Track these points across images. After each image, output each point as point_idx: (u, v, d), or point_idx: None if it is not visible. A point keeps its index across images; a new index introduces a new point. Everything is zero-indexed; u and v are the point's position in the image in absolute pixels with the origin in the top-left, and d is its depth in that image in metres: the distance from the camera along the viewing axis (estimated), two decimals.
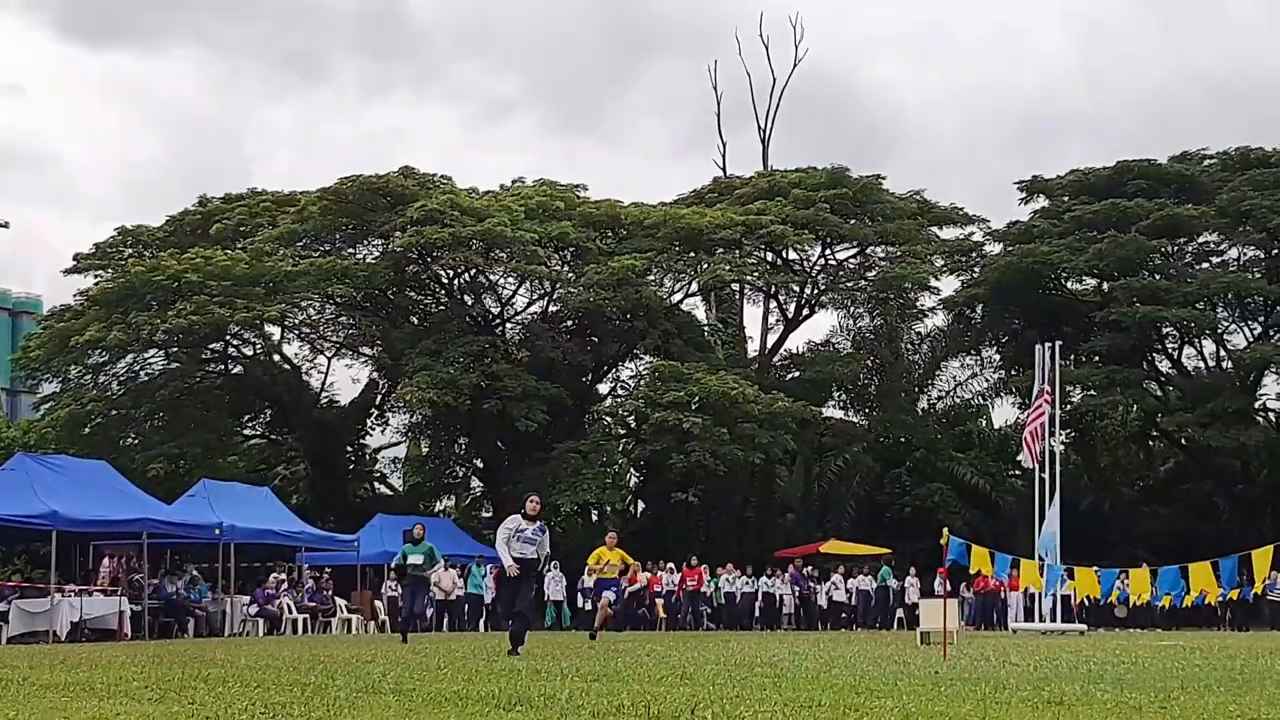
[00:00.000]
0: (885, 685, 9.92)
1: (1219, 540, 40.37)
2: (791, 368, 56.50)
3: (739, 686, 10.39)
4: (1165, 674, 13.06)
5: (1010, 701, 9.10)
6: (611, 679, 11.54)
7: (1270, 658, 17.01)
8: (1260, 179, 50.33)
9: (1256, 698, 9.78)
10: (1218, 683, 11.70)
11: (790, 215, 51.05)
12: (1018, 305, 53.15)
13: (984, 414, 59.36)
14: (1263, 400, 53.01)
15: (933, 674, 12.53)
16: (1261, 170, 51.03)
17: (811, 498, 54.82)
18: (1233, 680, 12.09)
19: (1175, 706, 8.96)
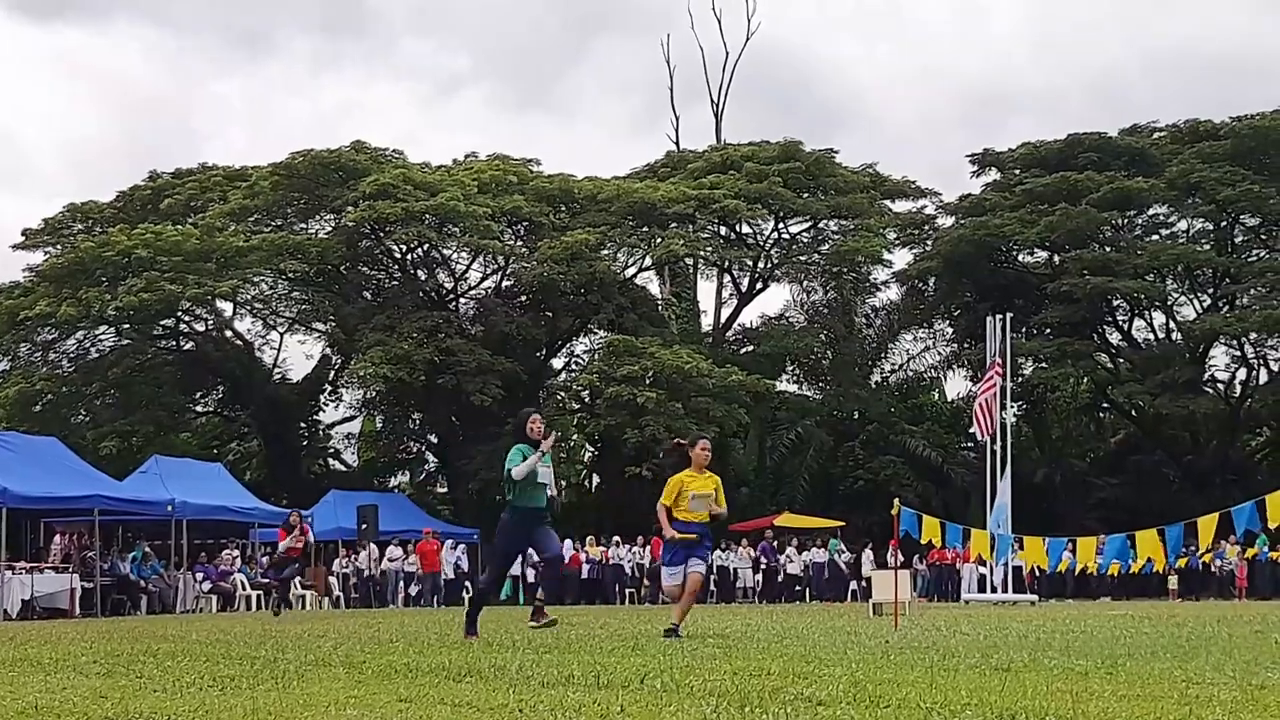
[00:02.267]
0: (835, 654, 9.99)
1: (1168, 510, 40.48)
2: (745, 342, 56.58)
3: (689, 656, 10.44)
4: (1113, 641, 13.17)
5: (958, 669, 9.16)
6: (563, 650, 11.58)
7: (1216, 625, 17.19)
8: (1209, 152, 50.67)
9: (1201, 664, 9.86)
10: (1164, 649, 11.80)
11: (743, 189, 51.13)
12: (970, 278, 53.37)
13: (936, 387, 59.69)
14: (1211, 371, 53.53)
15: (883, 643, 12.61)
16: (1210, 143, 51.35)
17: (765, 471, 54.95)
18: (1179, 647, 12.19)
19: (1121, 672, 9.03)
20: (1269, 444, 56.51)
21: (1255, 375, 53.45)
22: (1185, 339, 51.66)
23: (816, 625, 17.89)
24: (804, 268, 55.57)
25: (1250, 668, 9.43)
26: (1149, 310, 53.34)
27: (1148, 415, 51.98)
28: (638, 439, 45.28)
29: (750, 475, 55.81)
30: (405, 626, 18.56)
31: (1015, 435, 48.87)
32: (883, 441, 53.02)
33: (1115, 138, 54.00)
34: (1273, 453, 55.82)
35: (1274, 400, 52.88)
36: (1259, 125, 51.09)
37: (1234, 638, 13.99)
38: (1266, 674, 8.84)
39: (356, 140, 50.87)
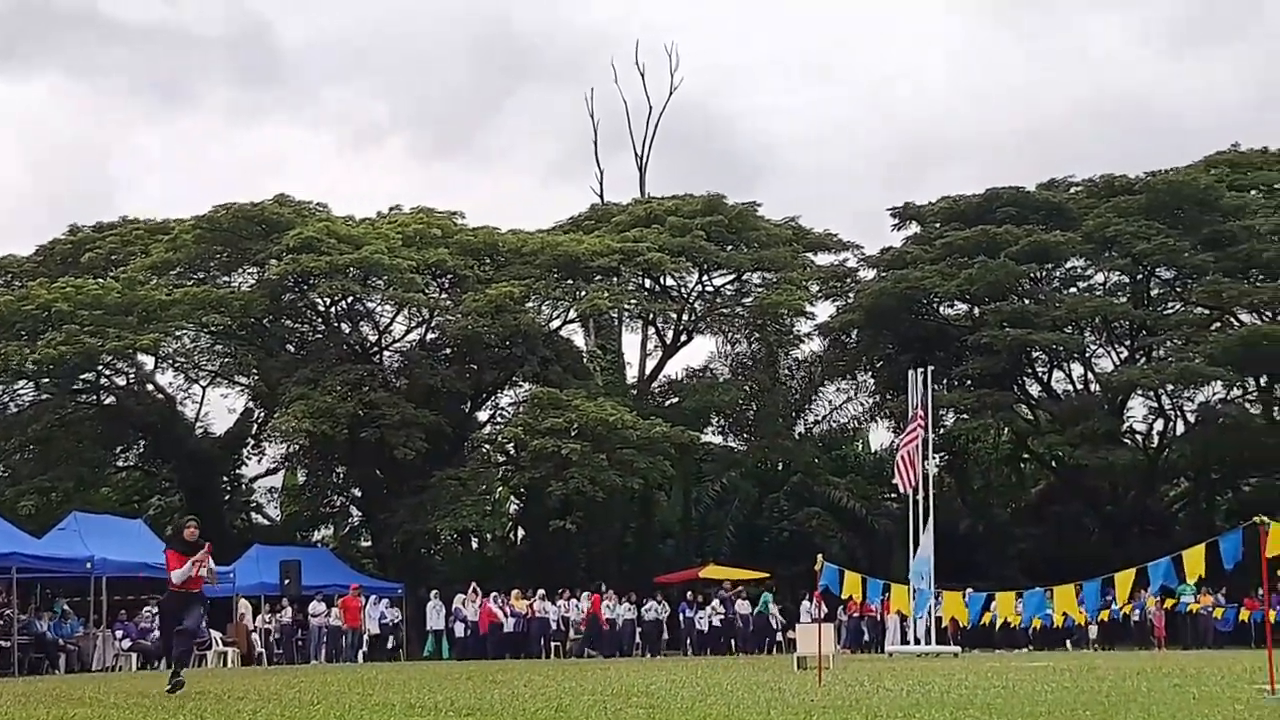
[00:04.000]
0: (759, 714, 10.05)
1: (1089, 560, 41.12)
2: (670, 394, 56.75)
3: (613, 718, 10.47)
4: (1034, 698, 13.32)
5: None
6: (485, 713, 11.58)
7: (1136, 679, 17.40)
8: (1124, 206, 51.38)
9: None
10: (1084, 706, 11.95)
11: (667, 243, 51.35)
12: (891, 330, 53.76)
13: (860, 438, 60.17)
14: (1129, 422, 54.12)
15: (806, 701, 12.69)
16: (1125, 197, 52.07)
17: (690, 523, 55.09)
18: (1099, 704, 12.35)
19: None
20: (1186, 494, 57.20)
21: (1172, 426, 54.17)
22: (1103, 390, 52.22)
23: (741, 681, 17.94)
24: (728, 320, 55.82)
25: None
26: (1068, 362, 53.92)
27: (1067, 466, 52.47)
28: (562, 491, 45.28)
29: (675, 527, 55.98)
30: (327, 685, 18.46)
31: (938, 486, 49.30)
32: (807, 492, 53.32)
33: (1033, 192, 54.61)
34: (1190, 503, 56.51)
35: (1191, 451, 53.62)
36: (1173, 180, 51.88)
37: (1153, 692, 14.19)
38: None
39: (280, 193, 50.70)
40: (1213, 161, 53.93)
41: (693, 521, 55.01)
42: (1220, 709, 11.53)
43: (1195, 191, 50.96)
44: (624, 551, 54.27)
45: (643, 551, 54.02)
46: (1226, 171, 52.99)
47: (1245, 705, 11.90)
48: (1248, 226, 49.58)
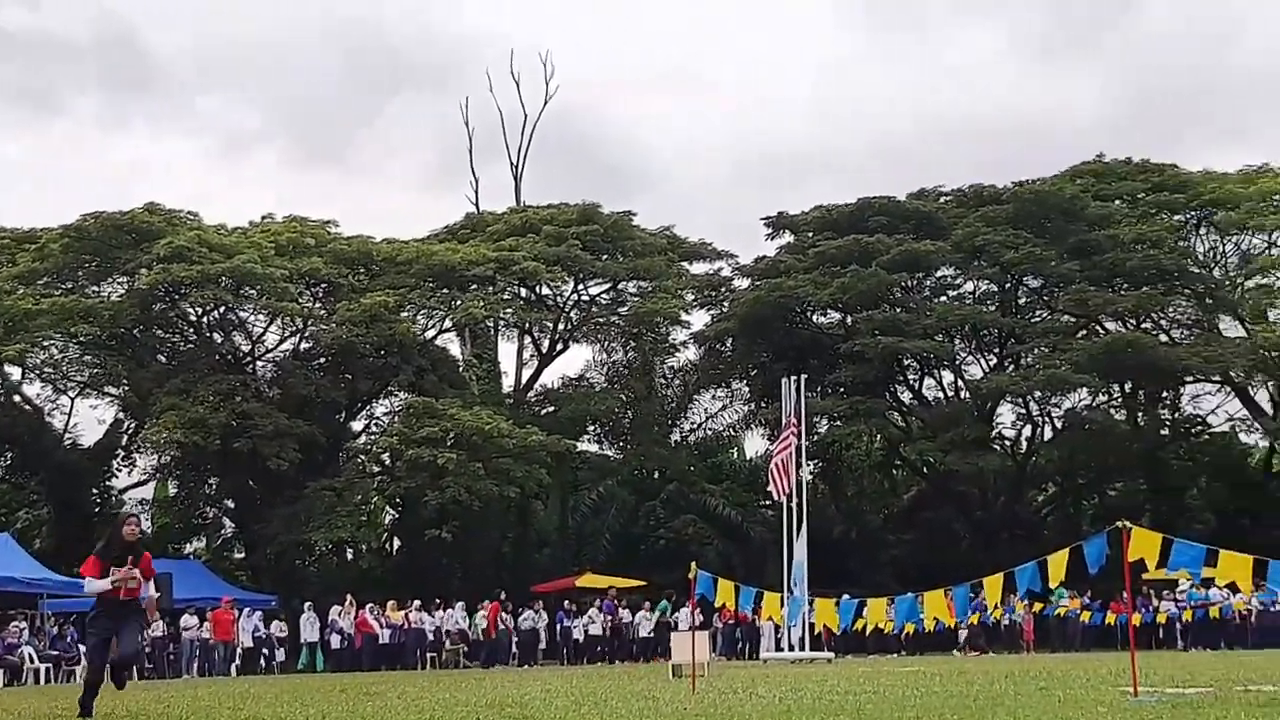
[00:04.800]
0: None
1: (959, 565, 41.74)
2: (546, 402, 56.74)
3: None
4: (903, 703, 13.52)
5: None
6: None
7: (1004, 682, 17.72)
8: (992, 215, 52.28)
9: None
10: (952, 710, 12.15)
11: (543, 252, 51.39)
12: (766, 339, 54.19)
13: (735, 445, 60.55)
14: (998, 428, 55.08)
15: (680, 709, 12.79)
16: (994, 207, 52.98)
17: (567, 531, 55.10)
18: (966, 708, 12.56)
19: None
20: (1054, 499, 58.31)
21: (1040, 432, 55.22)
22: (973, 397, 53.04)
23: (616, 690, 18.01)
24: (604, 329, 55.96)
25: None
26: (938, 369, 54.73)
27: (938, 472, 53.24)
28: (438, 501, 45.10)
29: (552, 535, 55.94)
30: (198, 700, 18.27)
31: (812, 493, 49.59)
32: (683, 500, 53.53)
33: (904, 201, 55.34)
34: (1058, 508, 57.59)
35: (1058, 456, 54.69)
36: (1039, 190, 52.92)
37: (1020, 695, 14.47)
38: None
39: (150, 202, 50.04)
40: (1078, 172, 55.08)
41: (569, 530, 55.04)
42: (1085, 711, 11.78)
43: (1061, 202, 52.01)
44: (501, 561, 54.15)
45: (520, 560, 53.94)
46: (1091, 182, 54.17)
47: (1109, 708, 12.17)
48: (1112, 236, 50.65)
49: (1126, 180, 54.68)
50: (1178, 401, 55.32)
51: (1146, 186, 54.13)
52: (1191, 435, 55.70)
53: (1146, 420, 54.38)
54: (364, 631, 40.84)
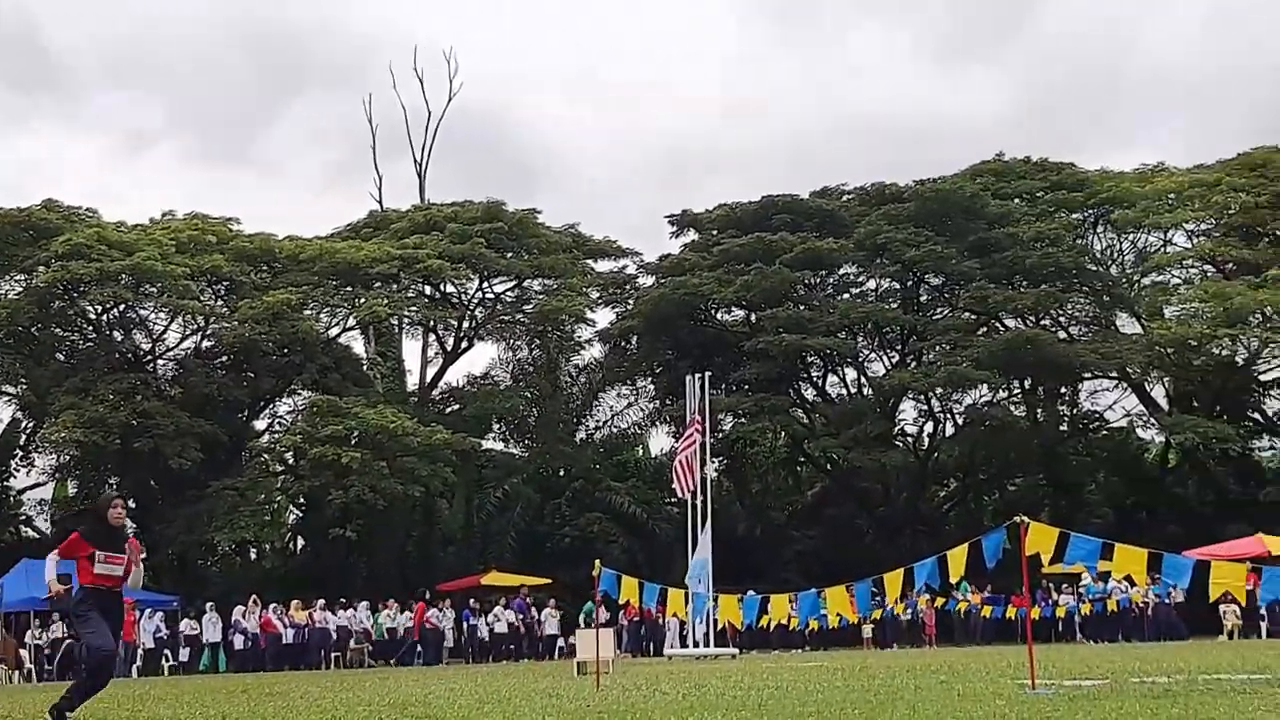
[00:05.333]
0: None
1: (863, 561, 42.08)
2: (451, 401, 56.56)
3: None
4: (805, 698, 13.61)
5: None
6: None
7: (905, 676, 17.87)
8: (894, 213, 52.74)
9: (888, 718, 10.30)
10: (854, 705, 12.24)
11: (447, 249, 51.23)
12: (670, 336, 54.32)
13: (640, 443, 60.62)
14: (901, 425, 55.55)
15: (583, 706, 12.82)
16: (895, 205, 53.45)
17: (472, 530, 54.92)
18: (867, 702, 12.66)
19: None
20: (955, 495, 58.89)
21: (942, 429, 55.79)
22: (876, 394, 53.49)
23: (520, 689, 18.01)
24: (509, 327, 55.90)
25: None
26: (841, 366, 55.15)
27: (842, 468, 53.59)
28: (343, 500, 44.85)
29: (457, 534, 55.74)
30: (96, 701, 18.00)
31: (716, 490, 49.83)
32: (588, 498, 53.54)
33: (807, 199, 55.69)
34: (959, 503, 58.18)
35: (959, 452, 55.25)
36: (940, 189, 53.41)
37: (920, 689, 14.59)
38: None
39: (48, 199, 49.46)
40: (978, 171, 55.68)
41: (474, 528, 54.86)
42: (982, 705, 11.91)
43: (962, 200, 52.52)
44: (406, 559, 53.91)
45: (425, 559, 53.73)
46: (992, 181, 54.80)
47: (1007, 700, 12.31)
48: (1012, 234, 51.25)
49: (1026, 179, 55.42)
50: (1076, 398, 56.15)
51: (1045, 185, 54.93)
52: (1089, 431, 56.50)
53: (1046, 416, 55.10)
54: (268, 631, 40.53)
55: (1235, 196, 50.21)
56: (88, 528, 13.12)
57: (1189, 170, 54.67)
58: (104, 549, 12.84)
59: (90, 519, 13.50)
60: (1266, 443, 56.64)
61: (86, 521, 13.39)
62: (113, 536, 13.01)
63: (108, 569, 12.86)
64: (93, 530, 13.03)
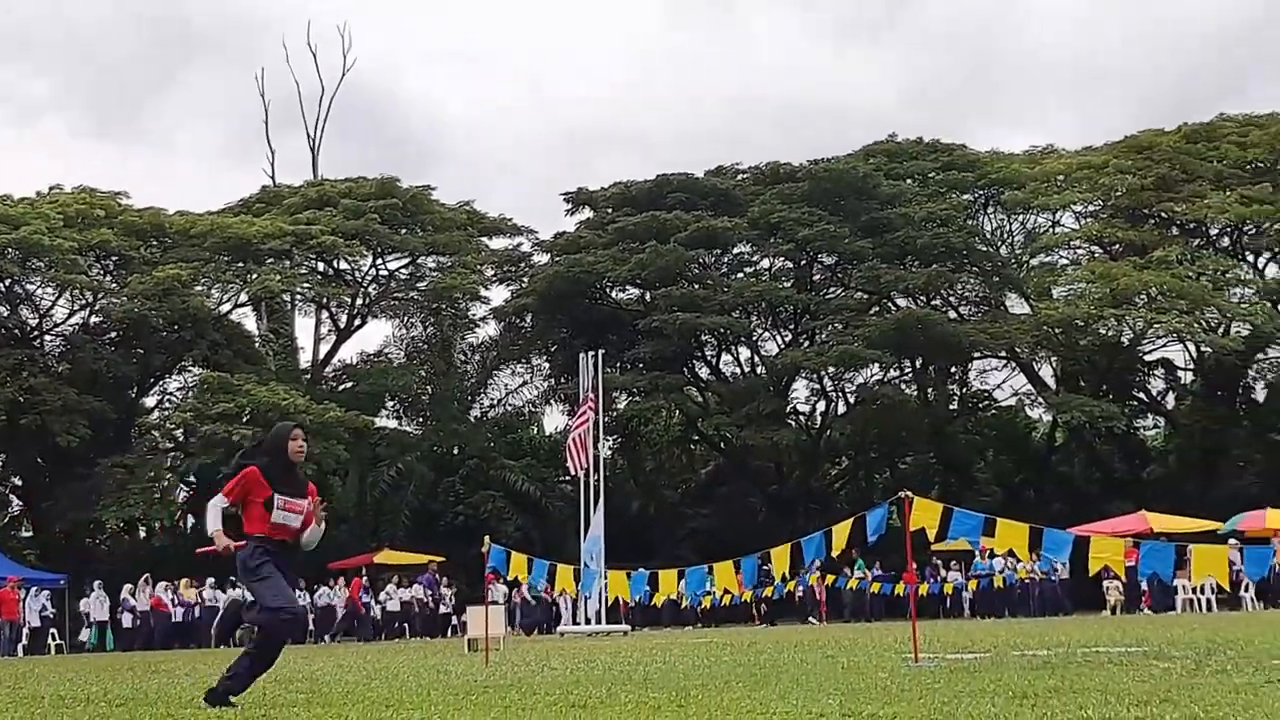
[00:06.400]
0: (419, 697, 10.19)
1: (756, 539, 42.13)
2: (345, 378, 56.28)
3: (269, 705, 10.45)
4: (689, 672, 13.73)
5: (536, 707, 9.49)
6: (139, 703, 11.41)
7: (792, 651, 18.06)
8: (788, 193, 53.01)
9: (770, 692, 10.40)
10: (738, 679, 12.36)
11: (341, 225, 50.87)
12: (566, 314, 54.32)
13: (535, 421, 60.60)
14: (793, 403, 56.02)
15: (469, 682, 12.86)
16: (789, 185, 53.74)
17: (366, 507, 54.66)
18: (752, 676, 12.78)
19: (692, 704, 9.49)
20: (847, 473, 59.43)
21: (834, 407, 56.24)
22: (769, 373, 53.83)
23: (409, 665, 18.00)
24: (403, 304, 55.67)
25: (814, 694, 10.05)
26: (735, 345, 55.43)
27: (735, 446, 53.91)
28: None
29: (350, 512, 55.42)
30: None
31: (611, 468, 50.07)
32: (483, 476, 53.45)
33: (702, 178, 55.86)
34: (850, 481, 58.72)
35: (851, 430, 55.73)
36: (833, 168, 53.74)
37: (805, 664, 14.76)
38: (827, 700, 9.45)
39: None
40: (871, 151, 56.11)
41: (368, 506, 54.61)
42: (864, 677, 12.07)
43: (855, 180, 52.88)
44: None
45: None
46: (884, 161, 55.25)
47: (889, 673, 12.48)
48: (903, 214, 51.74)
49: (918, 160, 55.95)
50: (966, 377, 56.97)
51: (937, 166, 55.46)
52: (978, 410, 57.31)
53: (936, 395, 55.80)
54: (157, 610, 40.16)
55: (1122, 179, 51.06)
56: (264, 463, 10.51)
57: (1077, 152, 55.59)
58: (284, 492, 10.38)
59: (265, 453, 10.68)
60: (1150, 422, 57.83)
61: (260, 457, 10.64)
62: (293, 477, 10.57)
63: (285, 518, 10.42)
64: (270, 467, 10.45)
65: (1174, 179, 50.73)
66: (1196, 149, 52.62)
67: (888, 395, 52.60)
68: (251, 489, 10.26)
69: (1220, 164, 51.46)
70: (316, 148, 68.20)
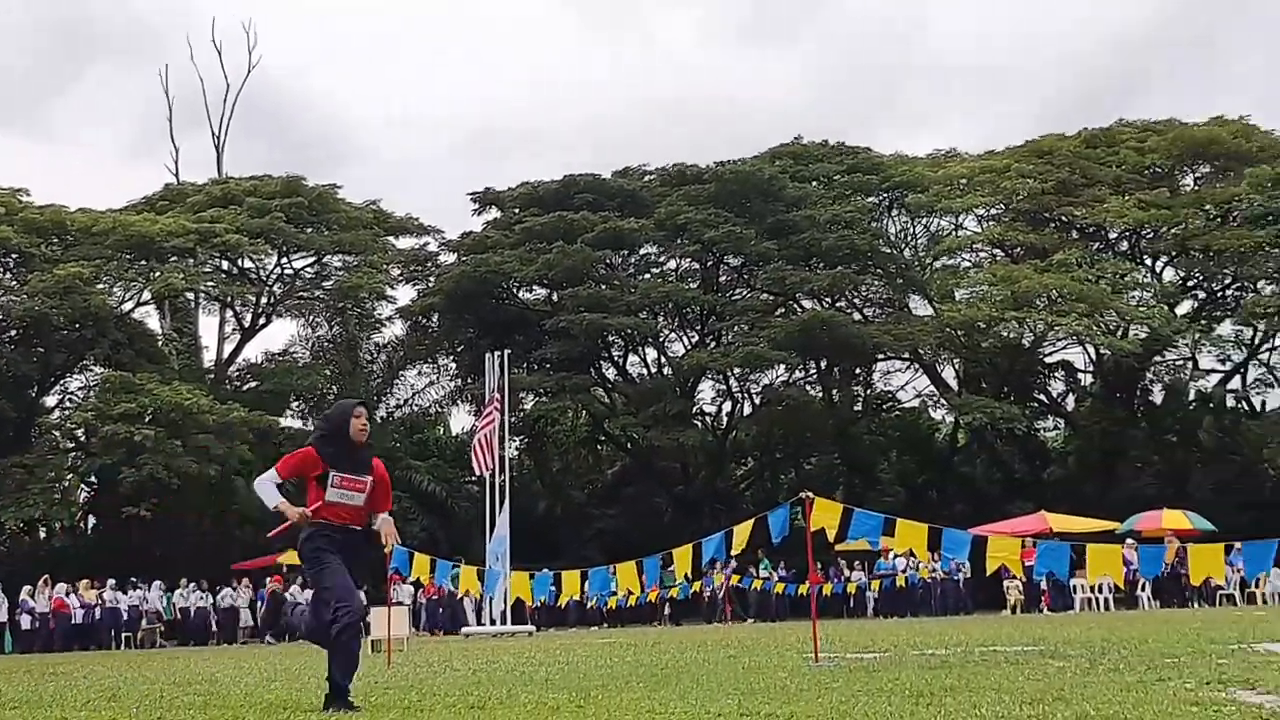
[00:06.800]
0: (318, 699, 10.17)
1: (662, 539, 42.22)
2: (249, 378, 55.81)
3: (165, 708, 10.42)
4: (591, 673, 13.80)
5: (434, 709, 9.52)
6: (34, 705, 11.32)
7: (695, 651, 18.17)
8: (695, 194, 53.23)
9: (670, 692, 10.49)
10: (639, 679, 12.44)
11: (245, 224, 50.51)
12: (472, 314, 54.19)
13: (441, 422, 60.41)
14: (699, 404, 56.26)
15: (370, 683, 12.85)
16: (695, 186, 53.97)
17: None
18: (653, 676, 12.86)
19: (592, 705, 9.56)
20: (752, 473, 59.72)
21: (739, 408, 56.56)
22: (675, 374, 54.00)
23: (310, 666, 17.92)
24: (308, 303, 55.30)
25: (713, 694, 10.15)
26: (642, 346, 55.58)
27: (642, 447, 54.01)
28: (135, 478, 43.96)
29: (255, 513, 54.93)
30: None
31: (517, 469, 49.97)
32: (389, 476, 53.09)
33: (609, 179, 55.98)
34: (756, 481, 59.00)
35: (757, 431, 56.02)
36: (739, 170, 54.02)
37: (707, 664, 14.87)
38: (726, 700, 9.56)
39: None
40: (777, 153, 56.53)
41: None
42: (764, 677, 12.19)
43: (760, 182, 53.18)
44: (202, 539, 53.03)
45: (221, 539, 52.90)
46: (790, 163, 55.67)
47: (789, 673, 12.60)
48: (809, 216, 52.07)
49: (823, 162, 56.37)
50: (870, 378, 57.46)
51: (842, 169, 55.90)
52: (883, 411, 57.80)
53: (840, 396, 56.20)
54: (59, 611, 39.66)
55: (1023, 182, 51.77)
56: (320, 437, 10.17)
57: (980, 156, 56.27)
58: (340, 470, 9.83)
59: (327, 433, 10.19)
60: (1051, 423, 58.58)
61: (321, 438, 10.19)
62: (353, 455, 9.97)
63: (343, 496, 9.82)
64: (329, 446, 9.97)
65: (1074, 183, 51.55)
66: (1096, 154, 53.51)
67: (793, 396, 52.93)
68: (306, 466, 9.80)
69: (1119, 169, 52.33)
70: (221, 146, 67.60)
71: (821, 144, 57.52)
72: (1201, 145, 52.40)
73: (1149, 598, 38.59)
